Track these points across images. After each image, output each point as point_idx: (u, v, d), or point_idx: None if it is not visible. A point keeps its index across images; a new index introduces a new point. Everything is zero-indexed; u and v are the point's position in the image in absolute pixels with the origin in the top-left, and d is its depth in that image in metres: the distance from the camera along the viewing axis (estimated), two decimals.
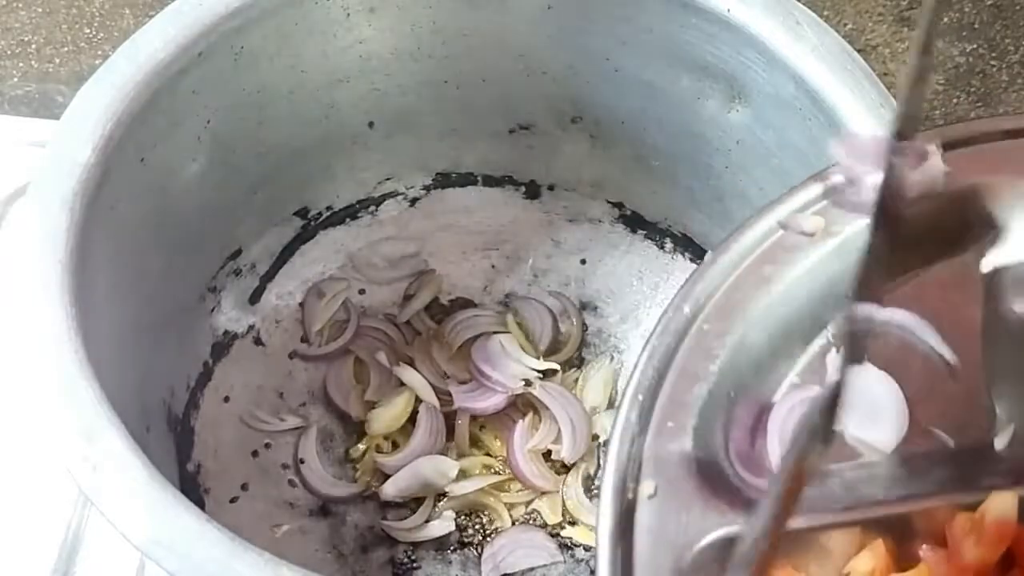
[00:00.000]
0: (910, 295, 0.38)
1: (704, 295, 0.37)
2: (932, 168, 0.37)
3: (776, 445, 0.36)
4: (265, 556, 0.39)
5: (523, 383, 0.62)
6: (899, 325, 0.38)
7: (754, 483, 0.35)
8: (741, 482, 0.35)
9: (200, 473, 0.58)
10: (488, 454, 0.62)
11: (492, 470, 0.61)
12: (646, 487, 0.33)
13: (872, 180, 0.37)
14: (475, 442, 0.62)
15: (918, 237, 0.38)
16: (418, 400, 0.62)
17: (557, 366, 0.63)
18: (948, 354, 0.37)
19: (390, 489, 0.59)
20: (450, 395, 0.62)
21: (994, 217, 0.38)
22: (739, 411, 0.36)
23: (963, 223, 0.38)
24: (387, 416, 0.61)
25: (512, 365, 0.62)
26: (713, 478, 0.34)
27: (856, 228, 0.38)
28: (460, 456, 0.61)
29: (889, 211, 0.31)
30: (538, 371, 0.62)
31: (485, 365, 0.62)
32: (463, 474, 0.60)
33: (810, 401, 0.35)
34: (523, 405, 0.63)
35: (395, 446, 0.62)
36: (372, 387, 0.63)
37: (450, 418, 0.62)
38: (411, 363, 0.63)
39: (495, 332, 0.64)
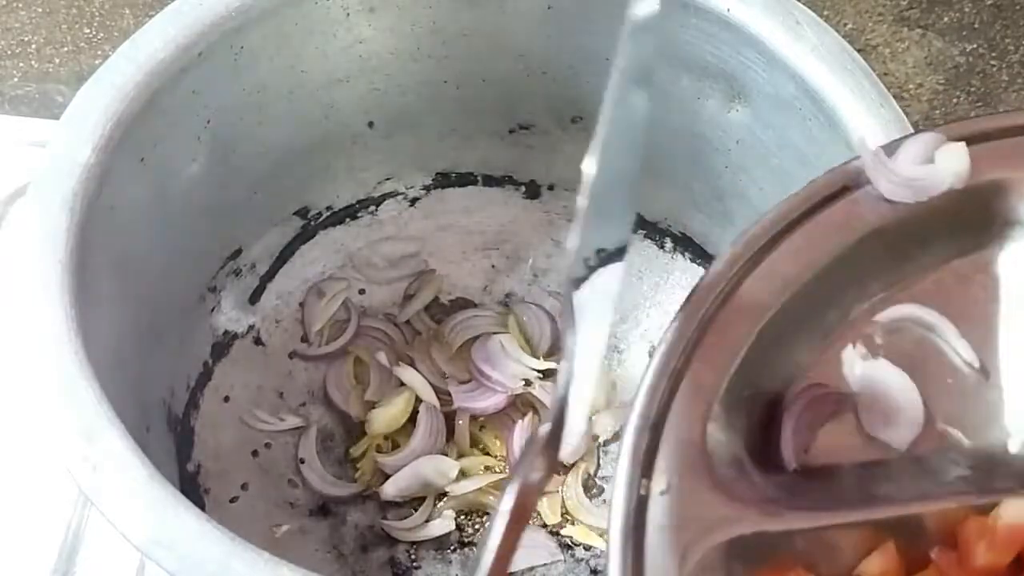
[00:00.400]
0: (929, 291, 0.37)
1: (722, 291, 0.36)
2: (957, 163, 0.37)
3: (790, 442, 0.35)
4: (265, 556, 0.39)
5: (523, 383, 0.62)
6: (917, 321, 0.37)
7: (768, 481, 0.35)
8: (755, 480, 0.34)
9: (200, 473, 0.58)
10: (488, 454, 0.62)
11: (492, 470, 0.61)
12: (658, 483, 0.33)
13: (894, 172, 0.37)
14: (475, 442, 0.62)
15: (938, 232, 0.37)
16: (418, 400, 0.62)
17: (557, 366, 0.63)
18: (966, 351, 0.37)
19: (390, 489, 0.59)
20: (450, 395, 0.62)
21: (1016, 213, 0.37)
22: (754, 408, 0.36)
23: (984, 219, 0.37)
24: (387, 416, 0.61)
25: (512, 365, 0.62)
26: (727, 475, 0.34)
27: (884, 220, 0.37)
28: (460, 456, 0.61)
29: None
30: (538, 371, 0.62)
31: (485, 365, 0.62)
32: (463, 474, 0.60)
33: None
34: (523, 405, 0.63)
35: (395, 446, 0.62)
36: (372, 387, 0.63)
37: (450, 418, 0.62)
38: (411, 363, 0.63)
39: (495, 332, 0.64)
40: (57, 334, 0.43)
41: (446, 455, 0.61)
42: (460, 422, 0.62)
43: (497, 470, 0.61)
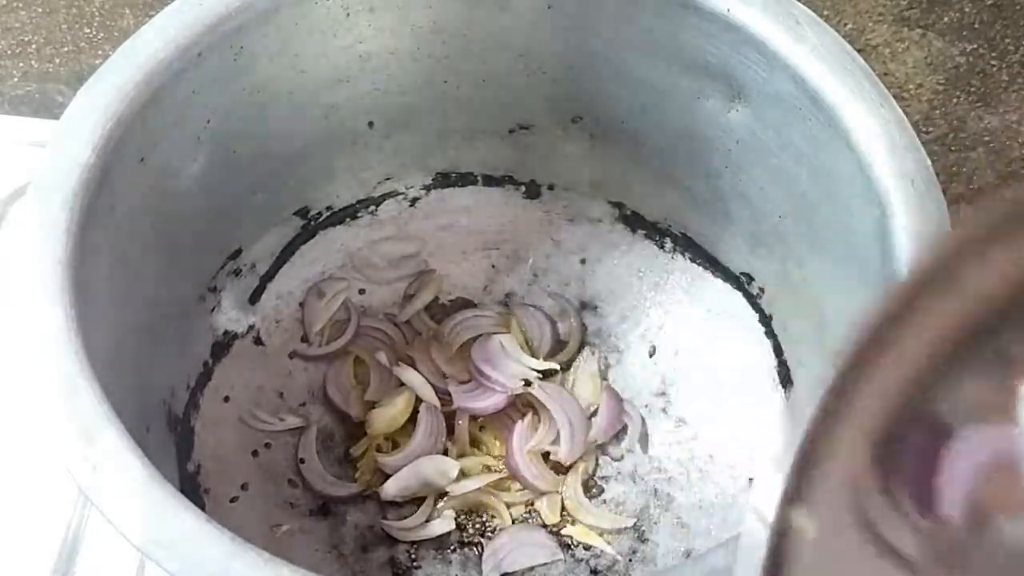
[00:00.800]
0: None
1: (905, 297, 0.30)
2: None
3: (950, 489, 0.30)
4: (265, 556, 0.39)
5: (523, 383, 0.62)
6: None
7: (925, 531, 0.30)
8: (909, 526, 0.30)
9: (200, 473, 0.58)
10: (488, 454, 0.62)
11: (492, 470, 0.61)
12: (803, 515, 0.29)
13: None
14: (475, 442, 0.62)
15: None
16: (418, 400, 0.62)
17: (557, 366, 0.63)
18: None
19: (391, 488, 0.59)
20: (450, 395, 0.62)
21: None
22: (918, 441, 0.31)
23: None
24: (387, 416, 0.61)
25: (512, 365, 0.62)
26: (880, 516, 0.29)
27: None
28: (460, 456, 0.61)
29: None
30: (538, 371, 0.62)
31: (485, 365, 0.62)
32: (463, 474, 0.60)
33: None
34: (523, 405, 0.63)
35: (395, 446, 0.62)
36: (372, 387, 0.63)
37: (450, 418, 0.62)
38: (411, 363, 0.63)
39: (495, 332, 0.64)
40: (57, 334, 0.43)
41: (446, 455, 0.61)
42: (460, 422, 0.62)
43: (497, 470, 0.61)
